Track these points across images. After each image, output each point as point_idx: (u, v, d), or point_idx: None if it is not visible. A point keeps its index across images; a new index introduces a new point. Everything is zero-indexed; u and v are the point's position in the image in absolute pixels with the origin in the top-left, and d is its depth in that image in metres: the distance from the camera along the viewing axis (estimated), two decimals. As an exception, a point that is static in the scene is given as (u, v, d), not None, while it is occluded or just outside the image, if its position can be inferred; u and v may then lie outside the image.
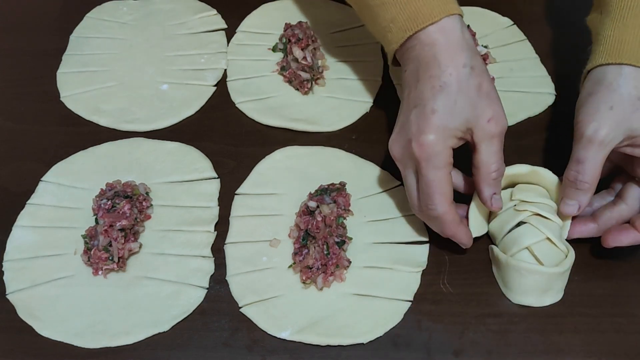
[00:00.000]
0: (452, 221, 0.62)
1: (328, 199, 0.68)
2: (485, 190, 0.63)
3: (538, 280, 0.62)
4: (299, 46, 0.81)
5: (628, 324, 0.63)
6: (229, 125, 0.79)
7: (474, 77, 0.61)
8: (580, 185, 0.62)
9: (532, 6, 0.94)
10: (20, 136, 0.78)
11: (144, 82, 0.83)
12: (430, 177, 0.60)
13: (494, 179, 0.62)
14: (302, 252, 0.65)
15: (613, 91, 0.61)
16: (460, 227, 0.64)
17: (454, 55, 0.61)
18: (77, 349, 0.61)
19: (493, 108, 0.61)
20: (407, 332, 0.62)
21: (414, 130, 0.61)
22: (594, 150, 0.61)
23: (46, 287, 0.65)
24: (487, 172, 0.62)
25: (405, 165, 0.64)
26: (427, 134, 0.60)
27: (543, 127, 0.79)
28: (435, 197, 0.61)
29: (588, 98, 0.63)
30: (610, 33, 0.63)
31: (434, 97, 0.60)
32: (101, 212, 0.66)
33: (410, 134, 0.61)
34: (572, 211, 0.64)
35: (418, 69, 0.62)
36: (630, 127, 0.60)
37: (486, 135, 0.61)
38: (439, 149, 0.60)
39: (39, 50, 0.88)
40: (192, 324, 0.63)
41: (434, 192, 0.61)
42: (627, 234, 0.62)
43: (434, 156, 0.60)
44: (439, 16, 0.61)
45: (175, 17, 0.91)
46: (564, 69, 0.85)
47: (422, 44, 0.62)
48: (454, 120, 0.60)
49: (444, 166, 0.61)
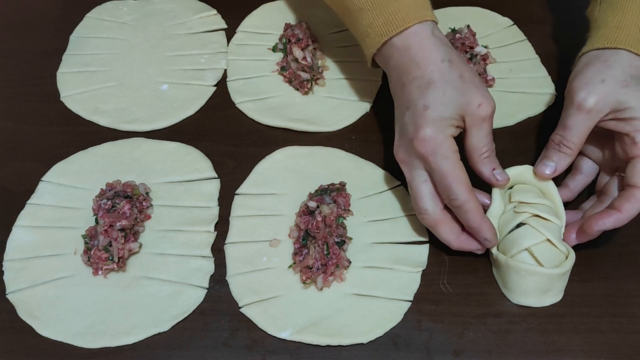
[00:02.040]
0: (475, 209, 0.62)
1: (328, 199, 0.68)
2: (484, 170, 0.64)
3: (538, 282, 0.62)
4: (299, 46, 0.81)
5: (628, 324, 0.63)
6: (229, 125, 0.79)
7: (455, 69, 0.63)
8: (562, 149, 0.65)
9: (532, 6, 0.94)
10: (20, 136, 0.78)
11: (144, 82, 0.83)
12: (442, 168, 0.61)
13: (486, 157, 0.64)
14: (302, 252, 0.65)
15: (607, 67, 0.63)
16: (485, 219, 0.63)
17: (430, 54, 0.63)
18: (77, 349, 0.61)
19: (481, 93, 0.62)
20: (407, 332, 0.62)
21: (412, 129, 0.62)
22: (581, 118, 0.63)
23: (46, 287, 0.65)
24: (479, 154, 0.63)
25: (412, 166, 0.64)
26: (425, 129, 0.61)
27: (543, 127, 0.79)
28: (454, 185, 0.61)
29: (582, 69, 0.65)
30: (608, 19, 0.66)
31: (422, 95, 0.62)
32: (101, 212, 0.66)
33: (410, 134, 0.62)
34: (547, 171, 0.65)
35: (400, 76, 0.65)
36: (617, 100, 0.62)
37: (477, 119, 0.62)
38: (440, 139, 0.61)
39: (39, 50, 0.88)
40: (192, 324, 0.63)
41: (451, 181, 0.61)
42: (609, 216, 0.63)
43: (438, 147, 0.61)
44: (412, 21, 0.64)
45: (175, 17, 0.91)
46: (564, 69, 0.84)
47: (398, 51, 0.65)
48: (447, 109, 0.61)
49: (452, 154, 0.61)
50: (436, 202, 0.64)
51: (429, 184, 0.63)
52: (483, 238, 0.63)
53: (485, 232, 0.63)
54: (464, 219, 0.63)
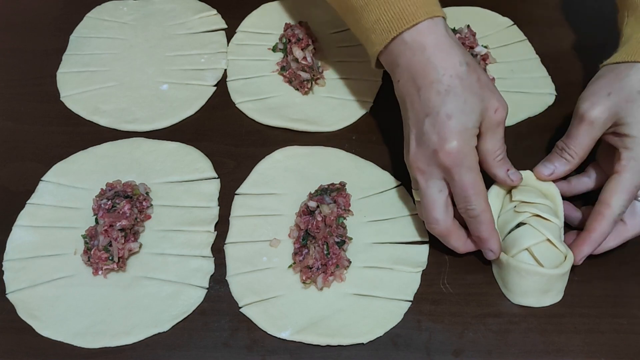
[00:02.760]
0: (490, 221, 0.63)
1: (328, 199, 0.68)
2: (499, 173, 0.64)
3: (538, 282, 0.62)
4: (299, 46, 0.81)
5: (628, 324, 0.63)
6: (229, 125, 0.79)
7: (472, 73, 0.61)
8: (564, 155, 0.66)
9: (532, 6, 0.94)
10: (20, 136, 0.78)
11: (144, 82, 0.83)
12: (466, 180, 0.61)
13: (500, 159, 0.64)
14: (302, 252, 0.65)
15: (618, 80, 0.63)
16: (495, 232, 0.63)
17: (447, 56, 0.61)
18: (77, 349, 0.61)
19: (496, 97, 0.62)
20: (407, 332, 0.62)
21: (436, 140, 0.60)
22: (584, 128, 0.64)
23: (46, 287, 0.65)
24: (494, 157, 0.63)
25: (430, 176, 0.62)
26: (451, 141, 0.60)
27: (543, 127, 0.79)
28: (474, 197, 0.61)
29: (595, 81, 0.65)
30: (633, 34, 0.66)
31: (444, 102, 0.60)
32: (101, 212, 0.66)
33: (434, 145, 0.61)
34: (545, 172, 0.66)
35: (415, 78, 0.62)
36: (618, 115, 0.62)
37: (494, 124, 0.62)
38: (466, 151, 0.60)
39: (39, 50, 0.88)
40: (192, 324, 0.63)
41: (473, 193, 0.61)
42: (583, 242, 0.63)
43: (464, 160, 0.60)
44: (423, 17, 0.62)
45: (175, 17, 0.91)
46: (564, 69, 0.85)
47: (411, 49, 0.62)
48: (470, 119, 0.60)
49: (475, 166, 0.61)
50: (448, 213, 0.63)
51: (444, 194, 0.63)
52: (489, 249, 0.63)
53: (493, 244, 0.63)
54: (477, 229, 0.63)
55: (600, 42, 0.87)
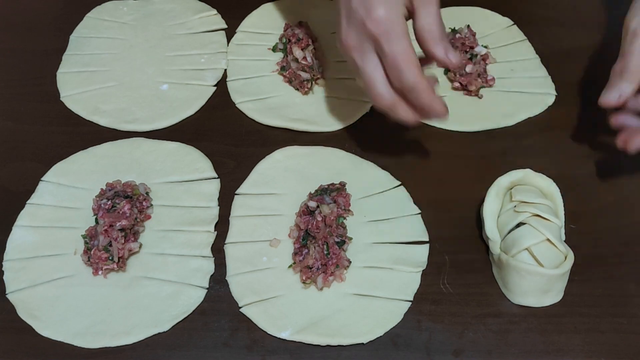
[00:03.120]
0: (426, 88, 0.63)
1: (328, 199, 0.68)
2: (437, 52, 0.64)
3: (538, 282, 0.62)
4: (299, 46, 0.81)
5: (628, 324, 0.63)
6: (229, 125, 0.79)
7: None
8: (624, 76, 0.65)
9: (532, 6, 0.94)
10: (20, 136, 0.78)
11: (144, 82, 0.83)
12: (395, 49, 0.61)
13: (439, 37, 0.63)
14: (302, 252, 0.65)
15: None
16: (435, 96, 0.64)
17: None
18: (77, 349, 0.61)
19: None
20: (407, 332, 0.62)
21: (362, 11, 0.62)
22: (638, 42, 0.65)
23: (46, 287, 0.65)
24: (431, 35, 0.63)
25: (363, 51, 0.64)
26: (377, 9, 0.61)
27: (543, 127, 0.79)
28: (406, 67, 0.61)
29: (634, 3, 0.66)
30: None
31: None
32: (101, 212, 0.66)
33: (361, 17, 0.62)
34: (613, 98, 0.66)
35: None
36: None
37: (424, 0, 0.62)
38: (394, 18, 0.61)
39: (39, 50, 0.88)
40: (192, 324, 0.63)
41: (404, 62, 0.61)
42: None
43: (392, 27, 0.61)
44: None
45: (175, 17, 0.91)
46: (564, 69, 0.85)
47: None
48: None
49: (404, 35, 0.62)
50: (389, 86, 0.64)
51: (380, 69, 0.64)
52: (436, 113, 0.64)
53: (437, 107, 0.64)
54: (416, 99, 0.63)
55: (600, 42, 0.87)
